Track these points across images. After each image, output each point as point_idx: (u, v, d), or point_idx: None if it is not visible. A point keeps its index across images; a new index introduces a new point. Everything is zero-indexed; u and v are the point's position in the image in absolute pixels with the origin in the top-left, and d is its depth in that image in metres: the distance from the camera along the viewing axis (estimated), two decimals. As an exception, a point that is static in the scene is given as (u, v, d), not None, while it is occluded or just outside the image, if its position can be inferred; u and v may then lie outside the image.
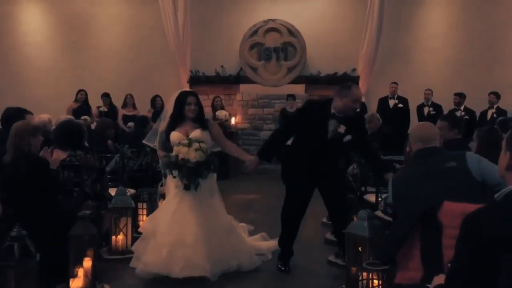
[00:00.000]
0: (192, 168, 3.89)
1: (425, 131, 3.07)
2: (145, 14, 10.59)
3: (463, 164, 2.81)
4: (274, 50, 10.33)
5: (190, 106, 4.27)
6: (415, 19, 10.43)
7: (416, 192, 2.78)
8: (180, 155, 3.91)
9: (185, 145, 3.94)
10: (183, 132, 4.22)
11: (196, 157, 3.88)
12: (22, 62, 10.84)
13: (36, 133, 3.84)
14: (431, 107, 9.10)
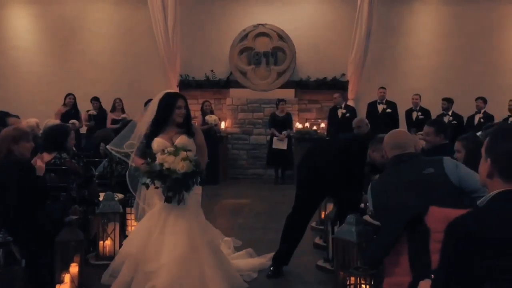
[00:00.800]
0: (179, 180, 3.48)
1: (399, 137, 3.07)
2: (134, 18, 10.56)
3: (441, 169, 2.83)
4: (264, 55, 10.36)
5: (180, 110, 3.84)
6: (403, 25, 10.51)
7: (396, 201, 2.78)
8: (165, 164, 3.46)
9: (171, 153, 3.50)
10: (167, 138, 3.80)
11: (184, 167, 3.45)
12: (10, 66, 10.75)
13: (19, 140, 3.74)
14: (420, 111, 9.17)
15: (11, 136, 3.74)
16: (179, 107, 3.83)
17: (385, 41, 10.30)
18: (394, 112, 9.26)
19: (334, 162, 4.15)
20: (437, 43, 10.45)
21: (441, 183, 2.78)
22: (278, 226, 4.75)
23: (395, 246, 2.74)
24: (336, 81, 10.34)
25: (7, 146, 3.69)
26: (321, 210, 5.73)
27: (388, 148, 3.05)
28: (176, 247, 3.50)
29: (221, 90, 10.51)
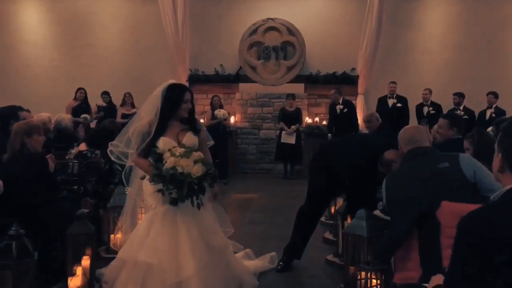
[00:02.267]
0: (194, 184, 3.20)
1: (414, 132, 3.09)
2: (144, 13, 10.58)
3: (456, 165, 2.81)
4: (274, 49, 10.33)
5: (187, 104, 3.49)
6: (414, 19, 10.43)
7: (410, 195, 2.77)
8: (179, 168, 3.17)
9: (183, 155, 3.21)
10: (173, 136, 3.45)
11: (199, 171, 3.19)
12: (21, 61, 10.83)
13: (31, 133, 3.79)
14: (431, 106, 9.11)
15: (24, 130, 3.80)
16: (186, 101, 3.47)
17: (396, 35, 10.23)
18: (404, 107, 9.20)
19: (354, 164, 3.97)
20: (448, 37, 10.35)
21: (455, 178, 2.76)
22: (287, 221, 4.76)
23: (406, 240, 2.73)
24: (346, 75, 10.29)
25: (21, 139, 3.75)
26: (331, 205, 5.72)
27: (403, 143, 3.05)
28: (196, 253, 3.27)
29: (230, 84, 10.50)
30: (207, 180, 3.28)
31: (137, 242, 3.35)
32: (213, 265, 3.35)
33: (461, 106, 8.88)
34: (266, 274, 4.15)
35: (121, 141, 3.50)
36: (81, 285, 3.41)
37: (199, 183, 3.22)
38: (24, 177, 3.65)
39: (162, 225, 3.33)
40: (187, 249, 3.26)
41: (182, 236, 3.30)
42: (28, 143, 3.77)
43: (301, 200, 4.53)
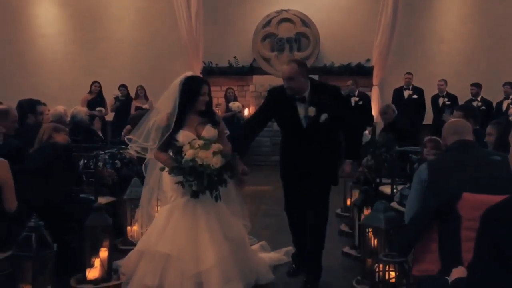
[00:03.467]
0: (215, 175, 3.22)
1: (459, 124, 3.09)
2: (158, 6, 10.58)
3: (507, 160, 2.79)
4: (287, 41, 10.27)
5: (205, 96, 3.49)
6: (430, 8, 10.28)
7: (458, 177, 2.73)
8: (198, 160, 3.19)
9: (202, 147, 3.24)
10: (192, 129, 3.47)
11: (218, 162, 3.21)
12: (37, 55, 10.91)
13: (59, 131, 4.09)
14: (446, 97, 8.99)
15: (53, 126, 4.14)
16: (203, 94, 3.47)
17: (411, 25, 10.10)
18: (420, 98, 9.10)
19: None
20: (464, 26, 10.19)
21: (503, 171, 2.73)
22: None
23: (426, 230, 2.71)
24: (360, 66, 10.21)
25: (49, 133, 4.01)
26: (347, 197, 5.70)
27: (448, 134, 3.03)
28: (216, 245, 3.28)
29: (244, 77, 10.48)
30: (227, 172, 3.31)
31: (156, 234, 3.36)
32: (232, 257, 3.35)
33: (479, 97, 8.76)
34: (281, 267, 4.14)
35: (139, 136, 3.55)
36: (99, 276, 3.44)
37: (219, 175, 3.24)
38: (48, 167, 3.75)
39: (182, 216, 3.36)
40: (206, 241, 3.27)
41: (202, 227, 3.31)
42: (55, 137, 4.00)
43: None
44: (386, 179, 5.14)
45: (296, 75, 3.57)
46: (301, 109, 3.63)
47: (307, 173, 3.71)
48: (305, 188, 3.75)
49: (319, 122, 3.60)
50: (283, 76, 3.61)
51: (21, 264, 2.73)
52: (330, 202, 4.82)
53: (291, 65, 3.63)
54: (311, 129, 3.64)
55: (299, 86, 3.59)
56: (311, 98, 3.61)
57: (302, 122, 3.64)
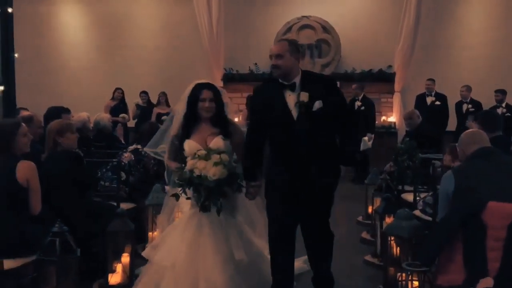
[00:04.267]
0: (212, 188, 3.03)
1: (477, 134, 3.10)
2: (179, 13, 10.68)
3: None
4: (308, 47, 10.24)
5: (204, 102, 3.30)
6: (453, 14, 10.14)
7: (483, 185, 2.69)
8: (196, 170, 3.04)
9: (201, 157, 3.06)
10: (200, 140, 3.32)
11: (217, 173, 3.01)
12: (60, 62, 11.10)
13: (63, 132, 3.86)
14: (470, 104, 8.85)
15: (55, 129, 3.88)
16: (203, 100, 3.31)
17: (435, 31, 9.97)
18: (443, 105, 8.95)
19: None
20: (488, 33, 10.01)
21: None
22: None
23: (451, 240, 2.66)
24: (382, 73, 10.11)
25: (53, 139, 3.85)
26: (368, 204, 5.64)
27: (467, 144, 3.03)
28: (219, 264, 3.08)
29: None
30: (229, 184, 3.09)
31: (158, 244, 3.29)
32: (239, 277, 3.12)
33: (503, 103, 8.60)
34: (301, 275, 4.10)
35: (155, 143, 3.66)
36: (121, 281, 3.48)
37: (217, 187, 3.02)
38: (58, 174, 3.73)
39: (185, 229, 3.22)
40: (207, 258, 3.09)
41: (204, 243, 3.14)
42: (61, 141, 3.85)
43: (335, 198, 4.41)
44: (408, 187, 5.07)
45: (285, 53, 3.17)
46: (290, 97, 3.17)
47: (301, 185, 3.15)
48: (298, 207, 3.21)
49: (312, 111, 3.11)
50: (271, 53, 3.19)
51: (45, 268, 2.77)
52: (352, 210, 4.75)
53: (281, 43, 3.31)
54: (303, 121, 3.12)
55: (287, 65, 3.16)
56: (302, 84, 3.18)
57: (292, 114, 3.14)
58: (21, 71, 10.74)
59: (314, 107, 3.12)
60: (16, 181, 3.20)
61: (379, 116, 10.13)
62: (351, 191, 7.59)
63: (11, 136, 3.33)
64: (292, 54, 3.20)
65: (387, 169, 5.18)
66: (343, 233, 5.32)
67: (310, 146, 3.13)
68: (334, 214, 6.32)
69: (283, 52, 3.17)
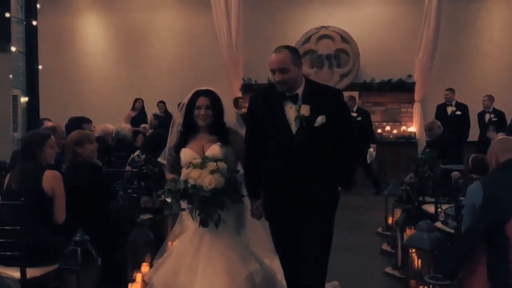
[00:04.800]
0: (208, 198, 2.79)
1: (510, 142, 3.02)
2: (199, 24, 10.79)
3: None
4: (327, 57, 10.24)
5: (200, 110, 3.10)
6: (474, 23, 10.04)
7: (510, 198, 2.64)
8: (190, 180, 2.81)
9: (197, 166, 2.84)
10: (197, 148, 3.09)
11: (212, 182, 2.77)
12: (82, 73, 11.31)
13: (82, 143, 3.87)
14: (493, 113, 8.71)
15: (74, 140, 3.90)
16: (198, 107, 3.11)
17: (455, 40, 9.88)
18: (464, 115, 8.83)
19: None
20: (509, 41, 9.89)
21: None
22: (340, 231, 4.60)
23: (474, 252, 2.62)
24: (402, 82, 10.04)
25: (72, 150, 3.88)
26: (388, 215, 5.59)
27: (500, 152, 2.95)
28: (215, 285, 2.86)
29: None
30: (229, 193, 2.84)
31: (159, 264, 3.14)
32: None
33: (527, 113, 8.46)
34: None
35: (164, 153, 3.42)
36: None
37: (214, 197, 2.78)
38: (77, 185, 3.73)
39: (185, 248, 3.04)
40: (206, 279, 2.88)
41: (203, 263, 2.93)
42: (81, 152, 3.86)
43: (355, 209, 4.39)
44: (429, 198, 5.01)
45: (289, 65, 2.83)
46: (291, 110, 2.84)
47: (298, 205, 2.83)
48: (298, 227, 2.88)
49: (313, 126, 2.80)
50: (273, 66, 2.86)
51: (66, 277, 2.80)
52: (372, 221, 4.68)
53: (283, 52, 2.89)
54: (303, 136, 2.80)
55: (293, 78, 2.84)
56: (305, 96, 2.85)
57: (291, 128, 2.83)
58: (44, 82, 10.94)
59: (317, 122, 2.79)
60: (42, 190, 3.27)
61: (399, 126, 10.05)
62: (370, 201, 7.53)
63: (40, 146, 3.41)
64: (296, 64, 2.87)
65: (407, 180, 5.12)
66: (363, 244, 5.27)
67: (308, 166, 2.81)
68: (354, 224, 6.31)
69: (287, 64, 2.84)
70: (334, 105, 2.85)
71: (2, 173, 4.78)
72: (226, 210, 2.86)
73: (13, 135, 5.97)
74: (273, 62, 2.88)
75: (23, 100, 5.86)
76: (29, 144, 3.41)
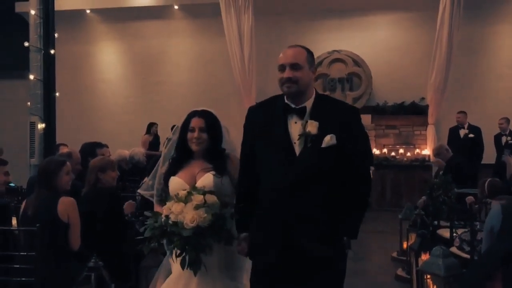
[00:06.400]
0: (188, 238, 2.35)
1: None
2: (212, 50, 10.97)
3: None
4: (339, 81, 10.30)
5: (193, 133, 2.71)
6: (486, 44, 10.05)
7: None
8: (171, 216, 2.40)
9: (181, 199, 2.43)
10: (188, 177, 2.68)
11: (196, 219, 2.34)
12: (98, 98, 11.52)
13: (105, 169, 3.94)
14: (509, 136, 8.64)
15: (98, 166, 3.97)
16: (191, 130, 2.72)
17: (468, 63, 9.88)
18: (477, 137, 8.76)
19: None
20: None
21: None
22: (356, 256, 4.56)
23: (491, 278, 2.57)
24: (415, 105, 10.03)
25: (95, 175, 3.93)
26: (403, 240, 5.52)
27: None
28: None
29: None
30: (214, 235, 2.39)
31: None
32: None
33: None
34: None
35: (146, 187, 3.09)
36: (154, 317, 3.48)
37: (195, 237, 2.35)
38: (96, 211, 3.77)
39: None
40: None
41: None
42: (102, 178, 3.92)
43: (369, 233, 4.35)
44: (444, 222, 4.95)
45: (304, 62, 2.37)
46: (296, 126, 2.33)
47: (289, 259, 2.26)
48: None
49: (321, 148, 2.28)
50: (284, 60, 2.38)
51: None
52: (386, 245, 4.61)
53: (298, 49, 2.44)
54: (307, 160, 2.28)
55: (305, 80, 2.36)
56: (313, 111, 2.35)
57: (294, 147, 2.31)
58: (61, 109, 11.16)
59: (325, 143, 2.28)
60: (57, 217, 3.32)
61: (412, 149, 10.00)
62: (385, 225, 7.45)
63: (56, 173, 3.47)
64: (311, 67, 2.42)
65: (420, 205, 5.08)
66: (377, 269, 5.21)
67: (310, 197, 2.27)
68: (368, 249, 6.24)
69: (302, 62, 2.37)
70: (348, 125, 2.33)
71: (18, 198, 4.85)
72: (210, 254, 2.41)
73: (30, 161, 6.07)
74: (285, 56, 2.40)
75: (40, 126, 5.98)
76: (46, 171, 3.48)
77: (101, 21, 11.48)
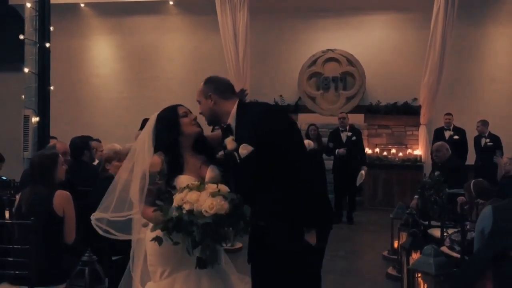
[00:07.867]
0: (208, 226, 2.16)
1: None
2: (206, 46, 10.96)
3: None
4: (333, 80, 10.35)
5: (189, 116, 2.72)
6: (479, 47, 10.14)
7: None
8: (185, 206, 2.21)
9: (192, 188, 2.26)
10: (194, 173, 2.58)
11: (214, 206, 2.17)
12: (91, 93, 11.48)
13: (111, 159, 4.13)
14: (488, 138, 8.75)
15: (106, 156, 4.20)
16: (184, 115, 2.71)
17: (460, 65, 9.97)
18: (462, 139, 8.85)
19: None
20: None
21: None
22: (348, 254, 4.64)
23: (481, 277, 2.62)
24: (407, 106, 10.11)
25: (103, 165, 4.13)
26: (394, 239, 5.58)
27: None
28: None
29: (290, 115, 10.55)
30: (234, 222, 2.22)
31: None
32: None
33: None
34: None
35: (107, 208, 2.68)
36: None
37: (217, 225, 2.18)
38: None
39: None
40: None
41: None
42: (108, 169, 4.09)
43: (361, 232, 4.42)
44: (435, 222, 5.01)
45: (200, 97, 2.65)
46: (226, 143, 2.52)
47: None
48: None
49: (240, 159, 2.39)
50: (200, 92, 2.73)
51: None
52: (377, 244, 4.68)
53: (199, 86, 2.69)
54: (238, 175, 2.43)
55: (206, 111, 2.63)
56: (236, 124, 2.50)
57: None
58: (55, 102, 11.10)
59: (241, 154, 2.37)
60: (53, 210, 3.32)
61: (404, 149, 10.08)
62: (376, 224, 7.51)
63: (53, 167, 3.47)
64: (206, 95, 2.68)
65: (413, 206, 5.12)
66: (368, 268, 5.26)
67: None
68: (360, 248, 6.29)
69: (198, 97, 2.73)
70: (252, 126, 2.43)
71: (11, 192, 4.83)
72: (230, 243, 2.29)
73: (24, 155, 6.04)
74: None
75: (34, 120, 5.95)
76: (42, 167, 3.46)
77: (96, 15, 11.43)
